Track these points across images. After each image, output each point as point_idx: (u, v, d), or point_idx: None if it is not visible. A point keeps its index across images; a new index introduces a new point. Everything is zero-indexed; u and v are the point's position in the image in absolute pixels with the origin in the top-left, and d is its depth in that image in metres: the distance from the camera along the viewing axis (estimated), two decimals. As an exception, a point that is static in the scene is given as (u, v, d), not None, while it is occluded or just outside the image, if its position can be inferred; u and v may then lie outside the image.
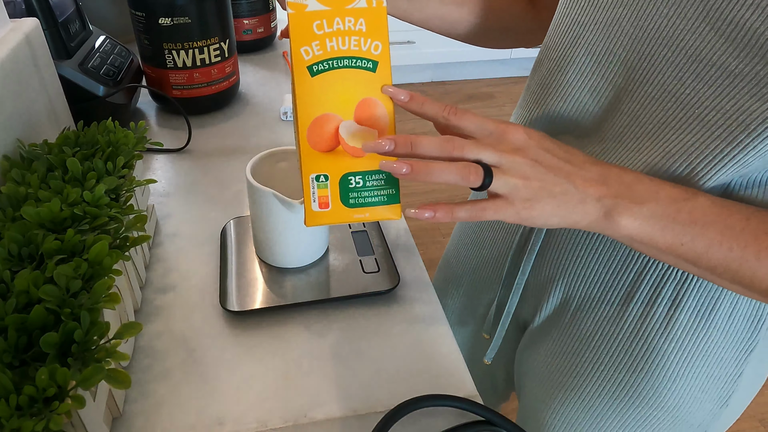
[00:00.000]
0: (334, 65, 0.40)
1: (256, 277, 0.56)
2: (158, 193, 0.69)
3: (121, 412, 0.44)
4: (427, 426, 0.44)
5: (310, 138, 0.40)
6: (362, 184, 0.41)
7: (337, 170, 0.41)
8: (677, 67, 0.40)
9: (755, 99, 0.37)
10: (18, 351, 0.35)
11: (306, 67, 0.40)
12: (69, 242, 0.41)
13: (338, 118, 0.40)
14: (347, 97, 0.40)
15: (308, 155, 0.41)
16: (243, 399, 0.46)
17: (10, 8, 0.65)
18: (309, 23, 0.39)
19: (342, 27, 0.40)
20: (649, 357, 0.51)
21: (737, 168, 0.40)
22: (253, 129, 0.83)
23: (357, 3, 0.40)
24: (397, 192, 0.42)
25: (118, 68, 0.78)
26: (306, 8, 0.39)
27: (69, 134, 0.54)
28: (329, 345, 0.51)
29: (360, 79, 0.40)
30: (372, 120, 0.41)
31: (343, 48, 0.40)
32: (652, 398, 0.53)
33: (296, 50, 0.40)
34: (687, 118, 0.41)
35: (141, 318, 0.53)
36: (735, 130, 0.38)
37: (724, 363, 0.51)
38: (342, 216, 0.42)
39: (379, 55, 0.40)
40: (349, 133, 0.40)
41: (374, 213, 0.42)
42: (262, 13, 1.03)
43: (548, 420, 0.61)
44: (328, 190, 0.41)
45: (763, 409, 1.54)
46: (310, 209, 0.42)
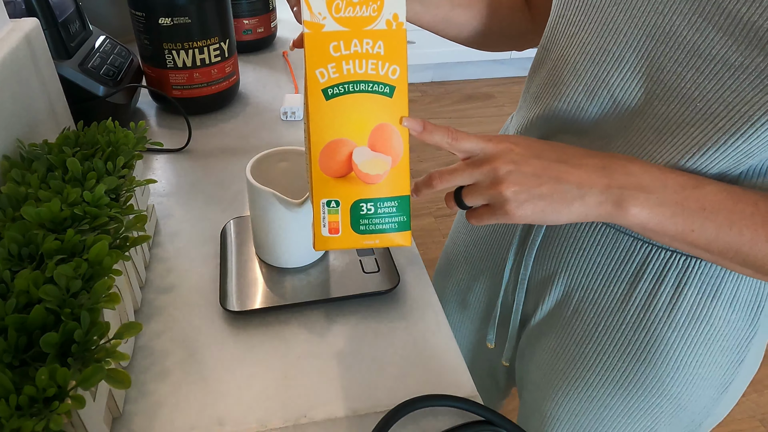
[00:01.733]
0: (349, 89, 0.39)
1: (256, 277, 0.56)
2: (158, 193, 0.69)
3: (121, 412, 0.44)
4: (427, 426, 0.44)
5: (322, 162, 0.40)
6: (373, 211, 0.41)
7: (349, 196, 0.40)
8: (676, 63, 0.41)
9: (757, 90, 0.37)
10: (18, 351, 0.35)
11: (321, 89, 0.39)
12: (69, 242, 0.41)
13: (352, 143, 0.39)
14: (362, 123, 0.39)
15: (319, 180, 0.40)
16: (243, 399, 0.46)
17: (10, 8, 0.65)
18: (325, 44, 0.38)
19: (359, 49, 0.38)
20: (652, 346, 0.52)
21: (741, 158, 0.41)
22: (253, 129, 0.83)
23: (376, 24, 0.38)
24: (407, 219, 0.42)
25: (118, 68, 0.78)
26: (323, 29, 0.38)
27: (69, 134, 0.54)
28: (329, 345, 0.51)
29: (376, 105, 0.39)
30: (386, 147, 0.40)
31: (359, 71, 0.39)
32: (656, 386, 0.53)
33: (311, 72, 0.38)
34: (690, 111, 0.41)
35: (141, 318, 0.53)
36: (738, 121, 0.39)
37: (726, 350, 0.51)
38: (352, 242, 0.41)
39: (397, 80, 0.39)
40: (363, 160, 0.40)
41: (384, 239, 0.42)
42: (262, 13, 1.03)
43: (552, 411, 0.62)
44: (338, 216, 0.41)
45: (764, 410, 1.54)
46: (320, 234, 0.41)
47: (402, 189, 0.41)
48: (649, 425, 0.56)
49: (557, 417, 0.61)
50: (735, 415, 1.53)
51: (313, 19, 0.38)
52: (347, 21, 0.38)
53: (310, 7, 0.38)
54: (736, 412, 1.54)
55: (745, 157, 0.41)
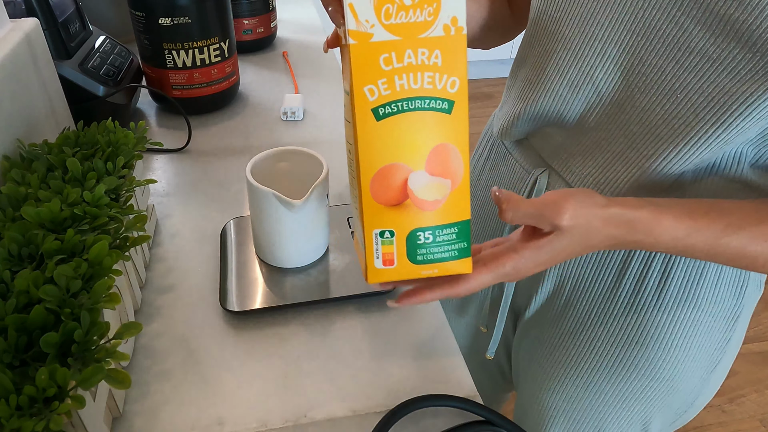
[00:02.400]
0: (404, 107, 0.34)
1: (256, 277, 0.56)
2: (158, 193, 0.69)
3: (121, 412, 0.44)
4: (427, 426, 0.44)
5: (373, 190, 0.36)
6: (432, 240, 0.37)
7: (405, 226, 0.37)
8: (658, 56, 0.42)
9: (735, 80, 0.38)
10: (18, 351, 0.35)
11: (371, 109, 0.34)
12: (69, 242, 0.41)
13: (407, 168, 0.35)
14: (418, 144, 0.35)
15: (371, 209, 0.36)
16: (243, 399, 0.46)
17: (10, 8, 0.65)
18: (375, 57, 0.33)
19: (414, 61, 0.34)
20: (642, 330, 0.53)
21: (720, 145, 0.42)
22: (253, 129, 0.83)
23: (432, 31, 0.33)
24: (468, 245, 0.38)
25: (118, 68, 0.78)
26: (371, 38, 0.33)
27: (69, 134, 0.54)
28: (329, 345, 0.51)
29: (433, 123, 0.35)
30: (446, 169, 0.36)
31: (414, 87, 0.34)
32: (648, 370, 0.55)
33: (359, 89, 0.34)
34: (671, 104, 0.42)
35: (141, 318, 0.53)
36: (718, 111, 0.40)
37: (714, 330, 0.53)
38: (408, 273, 0.38)
39: (456, 93, 0.35)
40: (420, 186, 0.36)
41: (443, 268, 0.38)
42: (262, 13, 1.03)
43: (548, 401, 0.63)
44: (393, 247, 0.37)
45: (764, 410, 1.54)
46: (373, 266, 0.38)
47: (462, 213, 0.37)
48: (642, 409, 0.58)
49: (554, 406, 0.62)
50: (735, 415, 1.53)
51: (359, 27, 0.33)
52: (399, 28, 0.33)
53: (356, 14, 0.33)
54: (736, 412, 1.54)
55: (723, 144, 0.42)
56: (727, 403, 1.56)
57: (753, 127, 0.41)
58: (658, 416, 0.59)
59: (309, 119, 0.85)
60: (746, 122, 0.40)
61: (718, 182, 0.45)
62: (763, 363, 1.67)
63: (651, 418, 0.59)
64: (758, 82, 0.38)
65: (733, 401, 1.57)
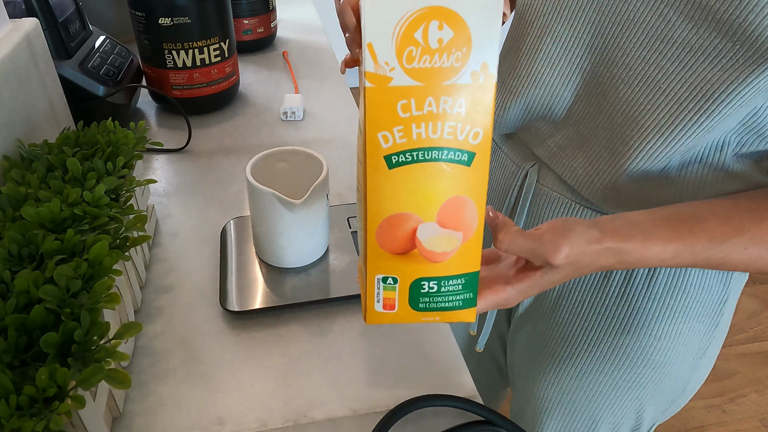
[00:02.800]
0: (419, 157, 0.32)
1: (256, 277, 0.56)
2: (158, 193, 0.69)
3: (121, 412, 0.44)
4: (427, 426, 0.44)
5: (379, 237, 0.34)
6: (436, 290, 0.36)
7: (409, 274, 0.35)
8: (641, 47, 0.43)
9: (715, 69, 0.40)
10: (18, 351, 0.35)
11: (383, 156, 0.32)
12: (69, 242, 0.41)
13: (417, 218, 0.33)
14: (431, 196, 0.33)
15: (375, 255, 0.34)
16: (243, 399, 0.46)
17: (10, 8, 0.65)
18: (393, 102, 0.31)
19: (435, 110, 0.31)
20: (634, 318, 0.55)
21: (703, 134, 0.43)
22: (253, 129, 0.83)
23: (458, 78, 0.30)
24: (474, 295, 0.37)
25: (118, 68, 0.78)
26: (390, 83, 0.30)
27: (69, 134, 0.54)
28: (329, 345, 0.51)
29: (450, 175, 0.32)
30: (458, 222, 0.34)
31: (433, 136, 0.31)
32: (640, 357, 0.56)
33: (372, 135, 0.31)
34: (655, 93, 0.43)
35: (141, 318, 0.53)
36: (700, 99, 0.41)
37: (703, 316, 0.55)
38: (409, 318, 0.37)
39: (478, 145, 0.32)
40: (429, 237, 0.34)
41: (445, 316, 0.37)
42: (262, 13, 1.03)
43: (543, 393, 0.64)
44: (395, 293, 0.36)
45: (764, 410, 1.54)
46: (373, 309, 0.36)
47: (471, 265, 0.35)
48: (636, 397, 0.59)
49: (549, 398, 0.63)
50: (735, 415, 1.53)
51: (377, 70, 0.30)
52: (422, 74, 0.30)
53: (375, 55, 0.30)
54: (736, 412, 1.54)
55: (706, 132, 0.43)
56: (727, 403, 1.56)
57: (734, 115, 0.42)
58: (651, 404, 0.60)
59: (309, 119, 0.85)
60: (727, 109, 0.41)
61: (702, 171, 0.46)
62: (763, 363, 1.67)
63: (644, 405, 0.60)
64: (738, 70, 0.39)
65: (733, 401, 1.57)
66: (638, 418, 0.62)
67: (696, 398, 1.57)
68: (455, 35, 0.30)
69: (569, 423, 0.64)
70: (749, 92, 0.39)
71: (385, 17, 0.29)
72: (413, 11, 0.29)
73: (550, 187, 0.56)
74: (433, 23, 0.29)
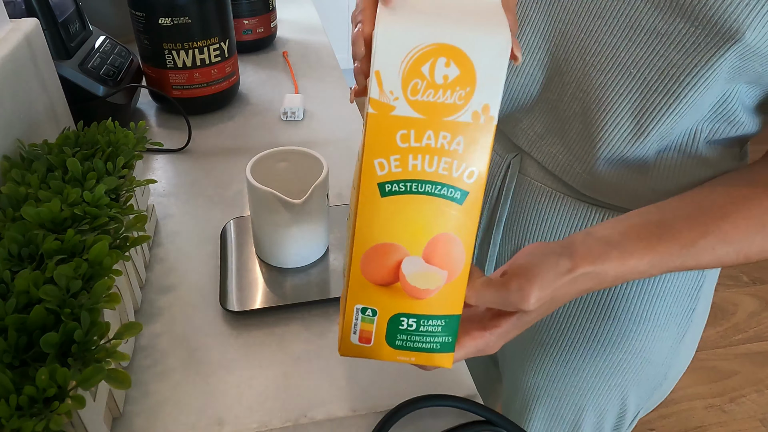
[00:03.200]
0: (412, 189, 0.32)
1: (256, 277, 0.56)
2: (158, 193, 0.69)
3: (121, 412, 0.44)
4: (427, 426, 0.44)
5: (364, 266, 0.34)
6: (414, 328, 0.35)
7: (389, 308, 0.35)
8: (612, 35, 0.44)
9: (681, 53, 0.41)
10: (18, 351, 0.35)
11: (377, 183, 0.32)
12: (69, 242, 0.41)
13: (403, 250, 0.33)
14: (419, 229, 0.33)
15: (357, 284, 0.34)
16: (243, 399, 0.46)
17: (10, 8, 0.65)
18: (392, 131, 0.31)
19: (433, 143, 0.31)
20: (614, 303, 0.56)
21: (676, 119, 0.45)
22: (253, 129, 0.83)
23: (459, 116, 0.31)
24: (453, 340, 0.36)
25: (118, 68, 0.78)
26: (392, 111, 0.31)
27: (69, 134, 0.54)
28: (329, 345, 0.51)
29: (440, 211, 0.33)
30: (444, 260, 0.34)
31: (428, 170, 0.32)
32: (621, 342, 0.58)
33: (368, 160, 0.32)
34: (626, 78, 0.45)
35: (141, 318, 0.53)
36: (668, 83, 0.43)
37: (680, 300, 0.56)
38: (383, 355, 0.36)
39: (473, 185, 0.32)
40: (413, 272, 0.34)
41: (421, 357, 0.36)
42: (262, 13, 1.03)
43: (532, 382, 0.65)
44: (373, 326, 0.35)
45: (764, 410, 1.54)
46: (348, 340, 0.36)
47: (453, 307, 0.35)
48: (619, 383, 0.61)
49: (537, 386, 0.65)
50: (735, 415, 1.53)
51: (381, 98, 0.31)
52: (424, 107, 0.31)
53: (381, 83, 0.30)
54: (736, 412, 1.54)
55: (678, 117, 0.44)
56: (727, 403, 1.56)
57: (702, 99, 0.43)
58: (634, 390, 0.62)
59: (309, 119, 0.85)
60: (694, 93, 0.43)
61: (677, 158, 0.48)
62: (763, 363, 1.67)
63: (627, 392, 0.62)
64: (700, 54, 0.41)
65: (733, 401, 1.57)
66: (622, 405, 0.63)
67: (696, 398, 1.57)
68: (461, 74, 0.30)
69: (556, 410, 0.65)
70: (712, 75, 0.41)
71: (395, 48, 0.30)
72: (423, 45, 0.30)
73: (532, 177, 0.57)
74: (440, 60, 0.30)
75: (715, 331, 1.77)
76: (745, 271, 1.98)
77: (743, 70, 0.42)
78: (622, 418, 0.65)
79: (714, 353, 1.70)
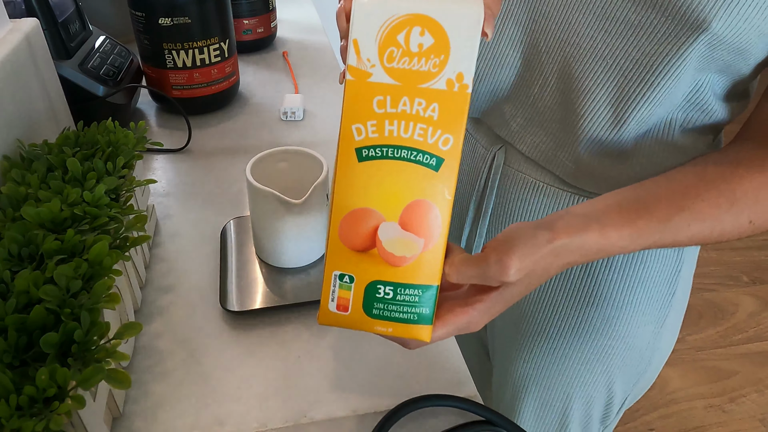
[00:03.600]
0: (388, 154, 0.33)
1: (256, 277, 0.56)
2: (158, 193, 0.69)
3: (121, 412, 0.44)
4: (427, 426, 0.44)
5: (342, 231, 0.34)
6: (391, 296, 0.35)
7: (366, 275, 0.35)
8: (590, 26, 0.46)
9: (653, 43, 0.43)
10: (18, 351, 0.35)
11: (354, 148, 0.33)
12: (69, 242, 0.41)
13: (380, 216, 0.34)
14: (396, 194, 0.34)
15: (336, 250, 0.35)
16: (243, 399, 0.46)
17: (10, 8, 0.65)
18: (369, 97, 0.32)
19: (408, 110, 0.33)
20: (596, 290, 0.58)
21: (652, 108, 0.46)
22: (253, 129, 0.83)
23: (434, 83, 0.32)
24: (431, 312, 0.36)
25: (118, 68, 0.78)
26: (369, 78, 0.32)
27: (69, 134, 0.54)
28: (329, 345, 0.51)
29: (416, 177, 0.33)
30: (420, 227, 0.34)
31: (404, 136, 0.33)
32: (605, 328, 0.60)
33: (346, 126, 0.33)
34: (603, 68, 0.47)
35: (141, 318, 0.53)
36: (643, 71, 0.45)
37: (659, 285, 0.58)
38: (361, 324, 0.36)
39: (447, 152, 0.33)
40: (389, 238, 0.34)
41: (399, 329, 0.36)
42: (262, 13, 1.03)
43: (520, 371, 0.66)
44: (350, 293, 0.36)
45: (764, 410, 1.54)
46: (326, 308, 0.36)
47: (430, 278, 0.35)
48: (605, 369, 0.62)
49: (526, 376, 0.66)
50: (735, 415, 1.53)
51: (359, 65, 0.32)
52: (400, 74, 0.32)
53: (359, 51, 0.32)
54: (736, 412, 1.54)
55: (655, 106, 0.46)
56: (727, 403, 1.56)
57: (676, 88, 0.45)
58: (620, 377, 0.63)
59: (309, 119, 0.85)
60: (667, 81, 0.44)
61: (655, 147, 0.50)
62: (763, 363, 1.67)
63: (613, 379, 0.63)
64: (671, 43, 0.42)
65: (733, 401, 1.57)
66: (609, 392, 0.65)
67: (696, 398, 1.57)
68: (435, 42, 0.32)
69: (545, 400, 0.67)
70: (683, 64, 0.43)
71: (372, 17, 0.32)
72: (399, 15, 0.32)
73: (517, 169, 0.58)
74: (415, 29, 0.32)
75: (715, 331, 1.77)
76: (745, 271, 1.98)
77: (712, 59, 0.43)
78: (610, 406, 0.66)
79: (714, 353, 1.70)
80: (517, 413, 0.69)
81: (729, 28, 0.40)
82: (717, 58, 0.43)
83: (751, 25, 0.40)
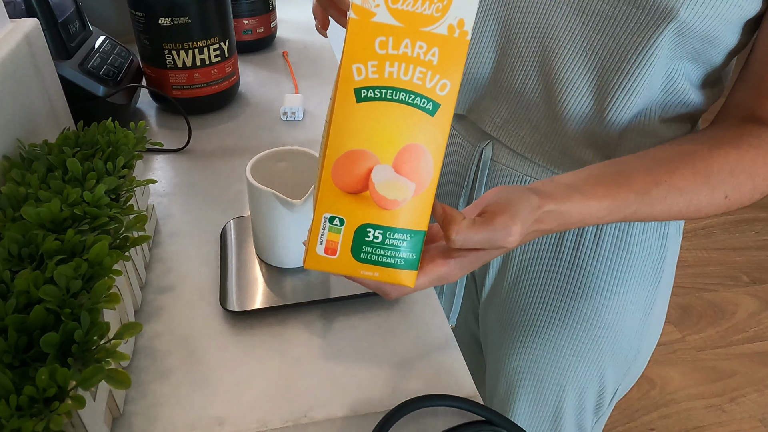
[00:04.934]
0: (386, 96, 0.33)
1: (256, 277, 0.56)
2: (158, 193, 0.69)
3: (121, 412, 0.44)
4: (427, 426, 0.44)
5: (335, 172, 0.34)
6: (380, 240, 0.36)
7: (356, 217, 0.35)
8: (567, 19, 0.48)
9: (626, 34, 0.45)
10: (18, 351, 0.35)
11: (353, 88, 0.33)
12: (69, 242, 0.41)
13: (374, 158, 0.34)
14: (391, 137, 0.34)
15: (328, 191, 0.35)
16: (243, 399, 0.46)
17: (10, 8, 0.65)
18: (371, 37, 0.32)
19: (409, 52, 0.33)
20: (584, 280, 0.60)
21: (632, 98, 0.48)
22: (253, 129, 0.83)
23: (436, 27, 0.33)
24: (417, 258, 0.37)
25: (118, 68, 0.78)
26: (373, 17, 0.32)
27: (69, 134, 0.54)
28: (329, 345, 0.51)
29: (412, 121, 0.34)
30: (413, 171, 0.34)
31: (404, 78, 0.33)
32: (594, 318, 0.61)
33: (347, 65, 0.33)
34: (583, 60, 0.49)
35: (141, 318, 0.53)
36: (619, 61, 0.47)
37: (645, 274, 0.60)
38: (347, 268, 0.37)
39: (444, 97, 0.34)
40: (382, 180, 0.34)
41: (385, 274, 0.37)
42: (262, 13, 1.03)
43: (513, 364, 0.67)
44: (340, 236, 0.36)
45: (764, 410, 1.54)
46: (314, 251, 0.36)
47: (419, 223, 0.36)
48: (596, 359, 0.63)
49: (519, 369, 0.67)
50: (735, 415, 1.53)
51: (364, 3, 0.32)
52: (403, 15, 0.32)
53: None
54: (736, 412, 1.54)
55: (633, 96, 0.48)
56: (727, 403, 1.56)
57: (652, 78, 0.47)
58: (611, 366, 0.64)
59: (309, 119, 0.85)
60: (643, 71, 0.46)
61: (636, 137, 0.52)
62: (763, 363, 1.67)
63: (605, 369, 0.64)
64: (643, 33, 0.45)
65: (733, 401, 1.57)
66: (601, 382, 0.65)
67: (696, 398, 1.57)
68: None
69: (539, 392, 0.67)
70: (655, 52, 0.45)
71: None
72: None
73: (504, 164, 0.59)
74: None
75: (715, 331, 1.77)
76: (745, 271, 1.98)
77: (683, 47, 0.46)
78: (602, 396, 0.67)
79: (714, 353, 1.70)
80: (511, 407, 0.70)
81: (696, 16, 0.42)
82: (687, 45, 0.46)
83: (716, 13, 0.42)
